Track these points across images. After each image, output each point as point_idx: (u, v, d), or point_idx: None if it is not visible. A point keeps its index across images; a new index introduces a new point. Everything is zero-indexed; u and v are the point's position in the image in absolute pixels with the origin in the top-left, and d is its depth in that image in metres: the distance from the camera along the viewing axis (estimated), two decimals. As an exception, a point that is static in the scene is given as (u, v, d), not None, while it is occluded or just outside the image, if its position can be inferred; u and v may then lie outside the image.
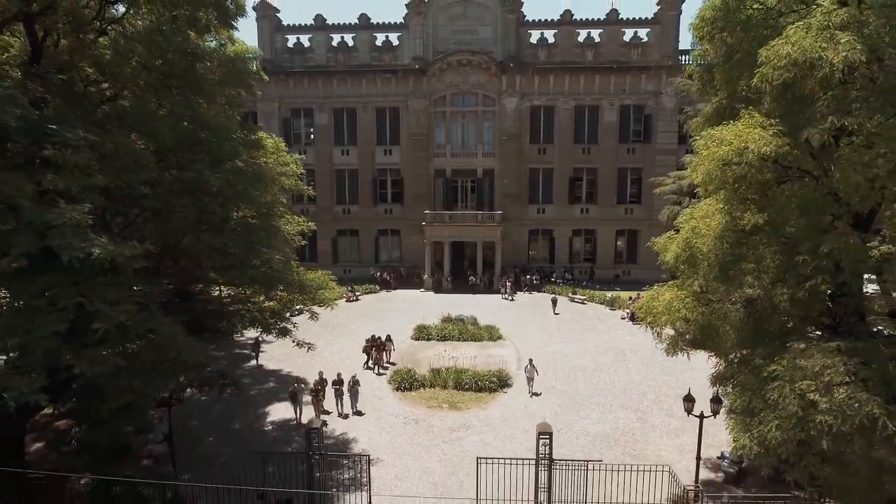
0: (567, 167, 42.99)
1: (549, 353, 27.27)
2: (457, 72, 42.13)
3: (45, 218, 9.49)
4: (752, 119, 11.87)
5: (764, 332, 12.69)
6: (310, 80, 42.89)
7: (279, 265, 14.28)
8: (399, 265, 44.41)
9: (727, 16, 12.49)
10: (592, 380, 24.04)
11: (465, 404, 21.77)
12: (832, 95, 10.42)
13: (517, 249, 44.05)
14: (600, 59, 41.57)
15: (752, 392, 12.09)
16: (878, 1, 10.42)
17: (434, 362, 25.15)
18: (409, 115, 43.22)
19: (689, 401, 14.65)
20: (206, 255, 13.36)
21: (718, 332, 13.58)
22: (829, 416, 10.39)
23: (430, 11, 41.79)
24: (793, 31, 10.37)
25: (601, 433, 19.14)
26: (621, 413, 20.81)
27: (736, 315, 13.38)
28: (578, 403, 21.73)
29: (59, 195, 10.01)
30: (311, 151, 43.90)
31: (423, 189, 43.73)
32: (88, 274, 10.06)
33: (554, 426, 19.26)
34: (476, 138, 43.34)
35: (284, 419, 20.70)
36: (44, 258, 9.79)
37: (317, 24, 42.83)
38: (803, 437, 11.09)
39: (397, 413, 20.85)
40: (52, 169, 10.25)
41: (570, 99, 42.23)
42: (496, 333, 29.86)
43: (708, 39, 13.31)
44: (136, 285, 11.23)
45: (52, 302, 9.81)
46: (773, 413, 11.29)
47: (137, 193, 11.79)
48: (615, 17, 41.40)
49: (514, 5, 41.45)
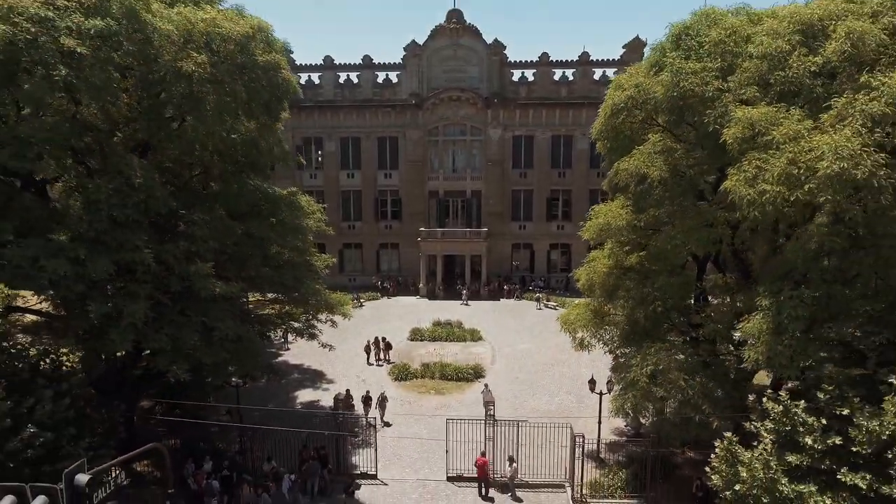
0: (545, 189, 50.18)
1: (519, 350, 34.54)
2: (448, 106, 49.26)
3: (188, 270, 16.64)
4: (619, 201, 19.11)
5: (632, 337, 19.82)
6: (320, 113, 50.03)
7: (315, 291, 21.52)
8: (398, 275, 51.65)
9: (608, 131, 19.33)
10: (549, 372, 31.27)
11: (447, 390, 29.01)
12: (656, 193, 17.45)
13: (501, 261, 51.29)
14: (574, 95, 48.63)
15: (623, 375, 19.36)
16: (689, 136, 17.44)
17: (425, 359, 32.45)
18: (406, 143, 50.39)
19: (592, 383, 21.90)
20: (268, 284, 20.61)
21: (606, 336, 20.84)
22: (660, 389, 17.64)
23: (424, 54, 48.90)
24: (635, 152, 17.51)
25: (547, 410, 26.31)
26: (565, 396, 28.06)
27: (618, 325, 20.57)
28: (535, 389, 28.98)
29: (192, 254, 17.14)
30: (321, 175, 51.14)
31: (418, 208, 50.92)
32: (209, 302, 17.22)
33: (512, 406, 26.69)
34: (465, 163, 50.53)
35: (309, 401, 27.93)
36: (187, 294, 16.95)
37: (326, 64, 49.95)
38: (646, 403, 18.38)
39: (395, 397, 28.01)
40: (185, 238, 17.37)
41: (548, 129, 49.37)
42: (477, 335, 37.09)
43: (600, 140, 20.30)
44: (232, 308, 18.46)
45: (190, 321, 16.95)
46: (632, 389, 18.54)
47: (228, 249, 18.92)
48: (586, 58, 48.46)
49: (498, 48, 48.58)
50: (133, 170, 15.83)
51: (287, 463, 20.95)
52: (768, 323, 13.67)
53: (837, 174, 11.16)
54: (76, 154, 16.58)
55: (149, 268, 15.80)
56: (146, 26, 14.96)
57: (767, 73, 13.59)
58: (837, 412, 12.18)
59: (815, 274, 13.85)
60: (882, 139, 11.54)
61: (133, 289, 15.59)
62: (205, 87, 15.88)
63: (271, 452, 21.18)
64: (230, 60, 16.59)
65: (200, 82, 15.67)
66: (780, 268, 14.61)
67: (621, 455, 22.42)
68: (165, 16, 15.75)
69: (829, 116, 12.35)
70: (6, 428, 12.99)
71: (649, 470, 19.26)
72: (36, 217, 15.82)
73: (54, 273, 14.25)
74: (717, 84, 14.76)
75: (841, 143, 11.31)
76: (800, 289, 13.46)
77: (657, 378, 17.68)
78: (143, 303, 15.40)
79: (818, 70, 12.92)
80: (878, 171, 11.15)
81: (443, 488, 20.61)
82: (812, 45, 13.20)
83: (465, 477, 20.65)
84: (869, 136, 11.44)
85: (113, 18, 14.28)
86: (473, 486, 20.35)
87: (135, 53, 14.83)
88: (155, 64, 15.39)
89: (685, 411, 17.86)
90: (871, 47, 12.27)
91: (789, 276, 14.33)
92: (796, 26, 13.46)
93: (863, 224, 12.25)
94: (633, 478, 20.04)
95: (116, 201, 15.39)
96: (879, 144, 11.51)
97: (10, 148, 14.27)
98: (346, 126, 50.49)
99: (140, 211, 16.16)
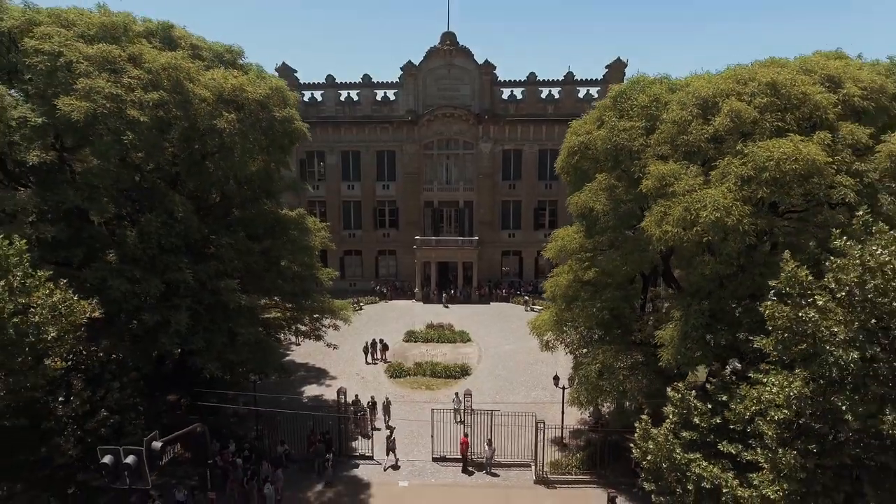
0: (532, 199, 54.25)
1: (503, 350, 38.65)
2: (442, 122, 53.33)
3: (218, 285, 20.71)
4: (575, 227, 23.15)
5: (587, 340, 23.89)
6: (322, 128, 54.02)
7: (320, 300, 25.64)
8: (395, 279, 55.76)
9: (567, 168, 23.33)
10: (528, 370, 35.36)
11: (437, 386, 33.12)
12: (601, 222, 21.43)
13: (491, 267, 55.39)
14: (559, 112, 52.62)
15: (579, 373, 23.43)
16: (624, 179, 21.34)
17: (418, 358, 36.57)
18: (403, 156, 54.47)
19: (556, 379, 25.97)
20: (281, 295, 24.73)
21: (567, 339, 24.91)
22: (607, 384, 21.69)
23: (420, 73, 52.94)
24: (585, 188, 21.54)
25: (523, 403, 30.34)
26: (540, 391, 32.14)
27: (577, 329, 24.62)
28: (514, 385, 33.09)
29: (221, 272, 21.21)
30: (323, 186, 55.25)
31: (414, 217, 55.01)
32: (234, 311, 21.30)
33: (493, 400, 30.68)
34: (458, 176, 54.61)
35: (315, 395, 32.04)
36: (217, 305, 21.03)
37: (328, 83, 54.03)
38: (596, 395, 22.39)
39: (390, 392, 32.09)
40: (215, 258, 21.43)
41: (535, 144, 53.43)
42: (466, 337, 41.20)
43: (562, 174, 24.30)
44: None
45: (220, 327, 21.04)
46: (584, 384, 22.61)
47: (250, 266, 23.00)
48: (571, 78, 52.49)
49: (488, 68, 52.61)
50: (175, 205, 19.90)
51: (297, 446, 25.07)
52: (678, 331, 17.74)
53: (714, 222, 15.21)
54: (129, 193, 20.67)
55: (188, 285, 19.89)
56: (188, 94, 19.04)
57: (676, 136, 17.62)
58: (720, 398, 16.22)
59: (715, 292, 17.90)
60: (749, 194, 15.58)
61: (177, 302, 19.69)
62: (234, 139, 19.96)
63: (284, 437, 25.27)
64: (253, 116, 20.68)
65: (230, 135, 19.76)
66: (691, 287, 18.67)
67: (581, 440, 26.49)
68: (202, 82, 19.85)
69: (715, 174, 16.41)
70: (85, 412, 17.03)
71: (599, 451, 23.34)
72: (99, 244, 19.90)
73: (117, 290, 18.33)
74: (642, 140, 18.82)
75: (717, 198, 15.36)
76: (702, 304, 17.51)
77: (604, 375, 21.76)
78: (184, 313, 19.52)
79: (710, 137, 16.95)
80: (743, 220, 15.19)
81: (429, 467, 24.72)
82: (707, 117, 17.23)
83: (447, 458, 24.77)
84: (739, 192, 15.49)
85: (164, 90, 18.37)
86: (454, 465, 24.46)
87: (180, 117, 18.87)
88: (194, 121, 19.45)
89: (623, 402, 21.99)
90: (748, 122, 16.31)
91: (697, 294, 18.38)
92: (697, 100, 17.49)
93: (737, 257, 16.29)
94: (589, 458, 24.12)
95: (164, 231, 19.49)
96: (747, 199, 15.55)
97: (83, 192, 18.37)
98: (347, 140, 54.56)
99: (181, 238, 20.26)
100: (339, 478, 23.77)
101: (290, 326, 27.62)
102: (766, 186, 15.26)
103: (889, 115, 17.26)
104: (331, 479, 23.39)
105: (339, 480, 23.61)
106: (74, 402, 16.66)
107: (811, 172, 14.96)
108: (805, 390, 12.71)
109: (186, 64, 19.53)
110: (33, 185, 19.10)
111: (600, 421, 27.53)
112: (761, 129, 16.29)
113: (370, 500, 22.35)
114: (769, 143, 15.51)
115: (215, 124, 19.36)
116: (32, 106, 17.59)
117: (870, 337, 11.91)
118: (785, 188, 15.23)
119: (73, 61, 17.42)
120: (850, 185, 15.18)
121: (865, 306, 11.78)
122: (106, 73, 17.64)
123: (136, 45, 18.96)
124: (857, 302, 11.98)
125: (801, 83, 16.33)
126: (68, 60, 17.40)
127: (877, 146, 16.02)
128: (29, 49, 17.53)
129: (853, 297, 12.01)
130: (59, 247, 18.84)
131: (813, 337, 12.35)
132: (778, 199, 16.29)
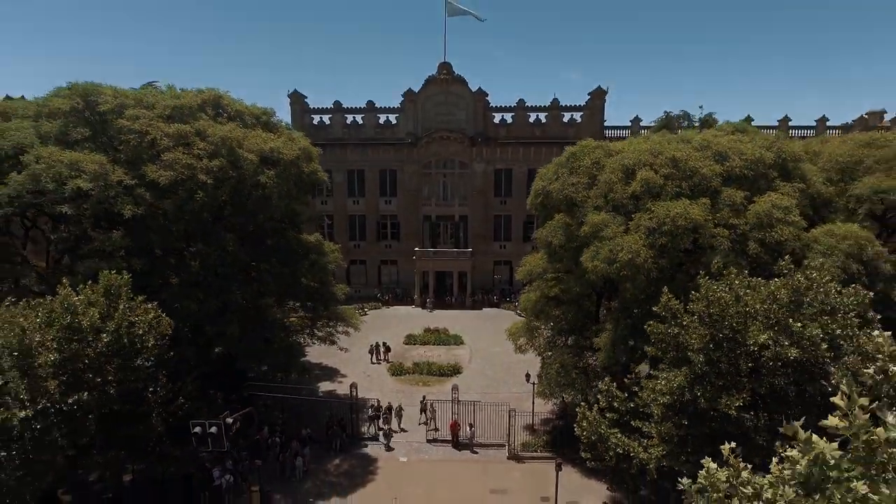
0: (522, 214, 60.49)
1: (492, 352, 45.04)
2: (439, 144, 59.66)
3: (259, 303, 27.06)
4: (541, 254, 29.45)
5: (551, 345, 30.25)
6: (330, 149, 60.21)
7: (335, 312, 32.06)
8: (396, 287, 62.17)
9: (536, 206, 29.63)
10: (512, 369, 41.71)
11: (432, 383, 39.52)
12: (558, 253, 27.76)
13: (484, 275, 61.75)
14: (546, 134, 58.96)
15: (544, 371, 29.80)
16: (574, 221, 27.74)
17: (416, 359, 42.97)
18: (403, 175, 60.80)
19: (528, 376, 32.32)
20: (304, 308, 31.17)
21: (536, 343, 31.29)
22: (564, 379, 28.07)
23: (419, 99, 59.27)
24: (547, 224, 27.85)
25: (505, 399, 36.67)
26: (522, 388, 38.47)
27: (543, 336, 30.99)
28: (498, 383, 39.48)
29: (261, 293, 27.56)
30: (331, 202, 61.65)
31: (414, 230, 61.37)
32: (270, 322, 27.66)
33: (479, 396, 36.87)
34: (454, 193, 60.95)
35: (329, 390, 38.47)
36: (257, 317, 27.40)
37: (335, 108, 60.39)
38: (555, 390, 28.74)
39: (392, 388, 38.52)
40: (257, 282, 27.77)
41: (524, 164, 59.71)
42: (459, 340, 47.61)
43: (533, 210, 30.60)
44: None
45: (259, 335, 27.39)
46: (546, 380, 28.96)
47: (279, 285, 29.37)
48: (556, 104, 58.74)
49: (481, 95, 58.92)
50: (227, 242, 26.25)
51: (317, 430, 31.47)
52: (609, 339, 24.06)
53: (628, 261, 21.51)
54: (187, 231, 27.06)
55: (237, 304, 26.27)
56: (239, 157, 25.40)
57: (607, 193, 23.93)
58: (633, 389, 22.53)
59: (636, 311, 24.19)
60: (653, 241, 21.88)
61: (229, 317, 26.07)
62: (272, 189, 26.29)
63: (307, 422, 31.69)
64: (287, 171, 27.04)
65: (270, 187, 26.09)
66: (621, 305, 25.00)
67: (549, 426, 32.85)
68: (247, 146, 26.17)
69: (633, 225, 22.73)
70: (168, 399, 23.40)
71: (560, 433, 29.71)
72: (168, 272, 26.27)
73: (187, 308, 24.70)
74: (585, 193, 25.13)
75: (629, 243, 21.67)
76: (626, 320, 23.83)
77: (561, 373, 28.10)
78: (235, 325, 25.89)
79: (630, 196, 23.25)
80: (648, 260, 21.48)
81: (425, 447, 31.10)
82: (628, 181, 23.53)
83: (439, 439, 31.16)
84: (646, 240, 21.80)
85: (222, 157, 24.74)
86: (444, 445, 30.86)
87: (233, 176, 25.23)
88: (243, 177, 25.78)
89: (575, 395, 28.34)
90: (655, 187, 22.62)
91: (625, 311, 24.69)
92: (621, 167, 23.80)
93: (647, 286, 22.59)
94: (552, 439, 30.48)
95: (219, 262, 25.84)
96: (651, 244, 21.85)
97: (162, 235, 24.77)
98: (353, 160, 60.93)
99: (231, 266, 26.62)
100: (352, 454, 30.20)
101: (307, 331, 34.03)
102: (664, 236, 21.57)
103: (767, 180, 23.54)
104: (346, 453, 29.93)
105: (352, 456, 30.06)
106: (161, 391, 23.07)
107: (696, 227, 21.27)
108: (683, 383, 19.03)
109: (237, 134, 25.89)
110: (121, 228, 25.46)
111: (565, 410, 33.88)
112: (665, 193, 22.60)
113: (378, 470, 28.76)
114: (668, 205, 21.82)
115: (259, 179, 25.72)
116: (125, 170, 23.97)
117: (715, 346, 18.23)
118: (678, 238, 21.53)
119: (157, 138, 23.81)
120: (725, 235, 21.48)
121: (709, 325, 18.09)
122: (181, 146, 24.02)
123: (200, 122, 25.34)
124: (705, 322, 18.30)
125: (695, 159, 22.65)
126: (153, 137, 23.80)
127: (749, 205, 22.31)
128: (122, 127, 23.92)
129: (703, 319, 18.33)
130: (142, 275, 25.21)
131: (678, 346, 18.68)
132: (673, 245, 22.58)
